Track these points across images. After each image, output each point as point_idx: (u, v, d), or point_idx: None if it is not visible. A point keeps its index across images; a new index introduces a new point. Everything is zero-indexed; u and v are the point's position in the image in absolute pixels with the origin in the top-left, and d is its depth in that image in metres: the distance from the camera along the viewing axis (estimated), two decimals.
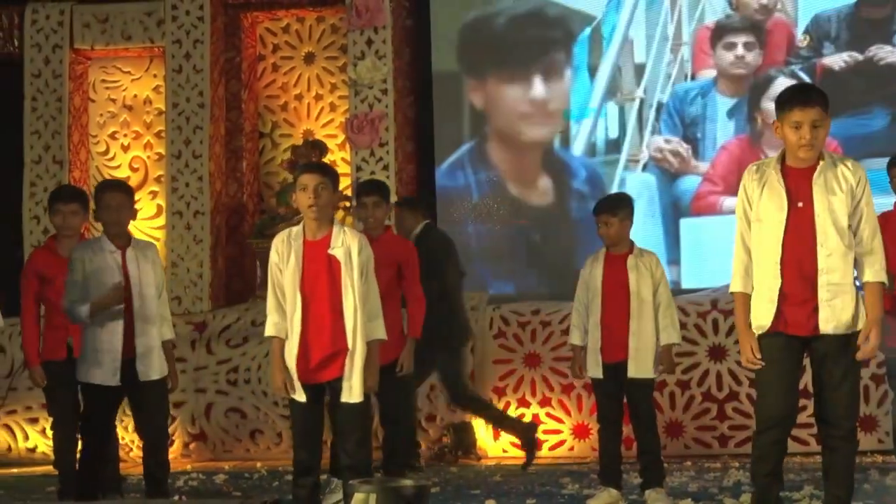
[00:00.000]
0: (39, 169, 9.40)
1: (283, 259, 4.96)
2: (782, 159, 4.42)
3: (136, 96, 9.81)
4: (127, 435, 8.41)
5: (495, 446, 7.99)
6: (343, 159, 9.53)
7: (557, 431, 7.86)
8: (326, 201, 4.94)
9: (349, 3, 9.13)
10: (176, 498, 6.35)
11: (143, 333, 5.41)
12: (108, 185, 5.94)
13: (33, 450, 8.57)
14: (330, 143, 9.62)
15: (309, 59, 9.79)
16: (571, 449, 7.86)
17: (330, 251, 4.95)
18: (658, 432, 5.81)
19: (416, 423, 7.19)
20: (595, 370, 5.70)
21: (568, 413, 7.88)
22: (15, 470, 8.23)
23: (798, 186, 4.36)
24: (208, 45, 9.34)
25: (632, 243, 5.74)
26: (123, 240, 5.53)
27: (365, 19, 9.06)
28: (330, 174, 5.07)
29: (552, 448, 7.81)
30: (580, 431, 7.83)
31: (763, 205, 4.37)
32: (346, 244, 4.95)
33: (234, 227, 9.51)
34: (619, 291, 5.64)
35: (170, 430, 8.41)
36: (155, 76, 9.74)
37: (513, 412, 7.95)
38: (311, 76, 9.77)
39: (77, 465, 5.64)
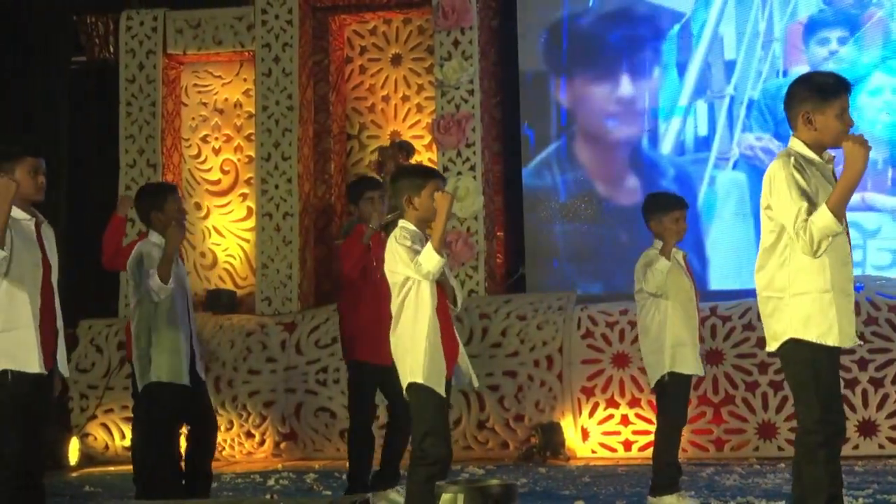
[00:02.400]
0: (134, 172, 9.58)
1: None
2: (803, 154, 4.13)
3: (226, 100, 9.95)
4: (220, 434, 8.54)
5: (584, 447, 7.95)
6: (430, 160, 9.56)
7: (647, 432, 7.79)
8: None
9: (436, 5, 9.15)
10: (267, 496, 6.44)
11: None
12: None
13: (129, 448, 8.71)
14: (417, 144, 9.64)
15: (396, 60, 9.84)
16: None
17: None
18: None
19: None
20: (698, 367, 5.72)
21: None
22: (112, 468, 8.40)
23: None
24: (297, 49, 9.44)
25: None
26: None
27: (452, 20, 9.08)
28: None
29: (642, 449, 7.73)
30: None
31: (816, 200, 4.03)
32: None
33: (322, 228, 9.59)
34: (693, 290, 5.77)
35: (261, 429, 8.55)
36: (245, 80, 9.87)
37: (601, 413, 7.91)
38: (398, 78, 9.82)
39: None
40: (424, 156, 9.61)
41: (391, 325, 4.73)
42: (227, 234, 9.85)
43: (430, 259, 4.59)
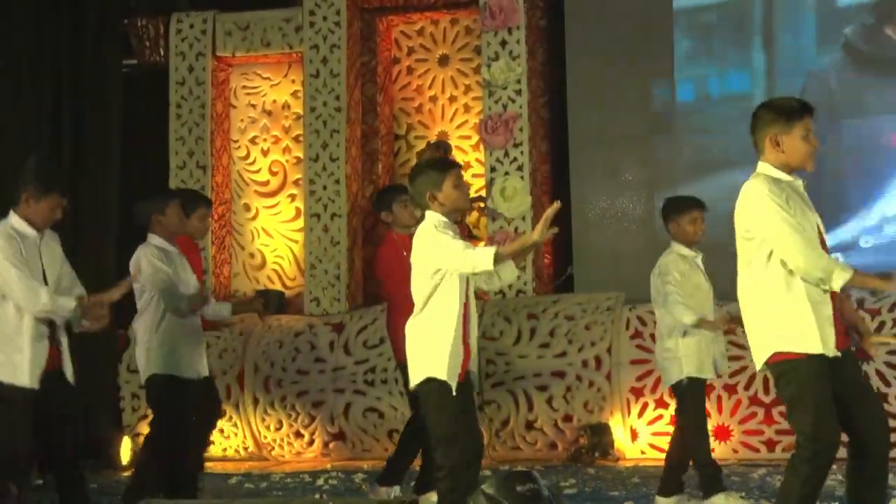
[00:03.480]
0: (184, 174, 9.67)
1: None
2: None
3: (275, 101, 10.01)
4: (269, 434, 8.60)
5: (633, 448, 7.91)
6: (477, 160, 9.56)
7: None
8: None
9: (483, 5, 9.15)
10: (317, 496, 6.47)
11: None
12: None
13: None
14: (464, 144, 9.65)
15: (443, 61, 9.85)
16: (712, 451, 7.71)
17: None
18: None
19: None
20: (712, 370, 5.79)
21: (708, 414, 7.74)
22: None
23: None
24: (345, 50, 9.47)
25: None
26: None
27: (499, 20, 9.06)
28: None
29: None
30: (721, 433, 7.68)
31: (800, 223, 4.14)
32: None
33: (370, 228, 9.62)
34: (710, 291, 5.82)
35: (310, 429, 8.59)
36: (293, 81, 9.93)
37: (651, 413, 7.87)
38: (446, 78, 9.83)
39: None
40: (472, 156, 9.62)
41: (413, 311, 4.59)
42: (275, 235, 9.91)
43: (486, 260, 4.39)
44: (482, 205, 9.26)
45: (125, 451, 8.55)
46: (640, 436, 7.89)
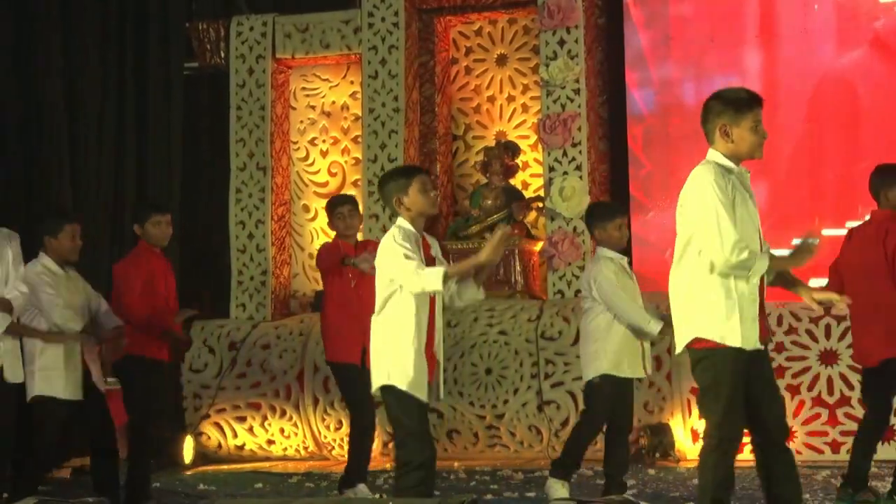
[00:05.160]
0: (244, 175, 9.74)
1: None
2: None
3: (334, 103, 10.06)
4: (329, 433, 8.64)
5: (694, 449, 7.84)
6: (535, 160, 9.54)
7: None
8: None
9: (541, 4, 9.12)
10: (377, 496, 6.50)
11: None
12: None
13: (241, 447, 8.88)
14: (522, 144, 9.63)
15: (501, 60, 9.84)
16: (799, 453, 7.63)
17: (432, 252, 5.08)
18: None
19: None
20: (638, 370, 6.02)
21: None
22: (225, 466, 8.56)
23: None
24: (403, 51, 9.49)
25: None
26: None
27: (557, 19, 9.03)
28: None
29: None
30: None
31: (740, 213, 4.25)
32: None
33: (427, 228, 9.55)
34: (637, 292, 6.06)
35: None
36: (352, 82, 9.97)
37: None
38: (504, 78, 9.82)
39: None
40: (530, 155, 9.60)
41: (374, 311, 4.82)
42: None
43: (435, 281, 4.59)
44: (540, 205, 9.24)
45: (188, 450, 8.65)
46: (701, 437, 7.81)
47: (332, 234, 7.21)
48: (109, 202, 9.70)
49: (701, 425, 7.75)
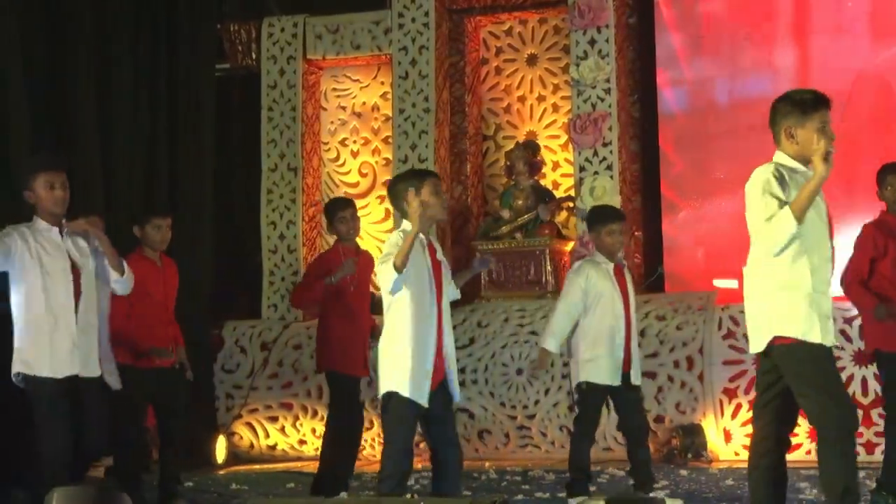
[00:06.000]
0: (275, 176, 9.78)
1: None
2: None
3: (364, 103, 10.09)
4: (368, 434, 8.64)
5: (727, 449, 7.81)
6: (566, 160, 9.52)
7: (793, 435, 7.57)
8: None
9: (572, 4, 9.10)
10: (408, 496, 6.50)
11: None
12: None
13: (273, 447, 8.92)
14: (553, 144, 9.61)
15: (531, 60, 9.83)
16: (808, 453, 7.56)
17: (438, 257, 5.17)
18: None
19: None
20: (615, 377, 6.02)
21: (804, 416, 7.60)
22: (257, 466, 8.60)
23: None
24: (433, 51, 9.50)
25: None
26: None
27: (588, 19, 9.01)
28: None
29: (789, 452, 7.53)
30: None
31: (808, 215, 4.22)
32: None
33: (458, 229, 9.64)
34: (626, 301, 6.04)
35: None
36: (382, 83, 9.99)
37: (745, 415, 7.75)
38: (534, 78, 9.81)
39: None
40: (560, 155, 9.58)
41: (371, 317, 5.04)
42: (365, 236, 9.95)
43: (388, 272, 4.75)
44: (571, 204, 9.22)
45: (220, 450, 8.69)
46: (735, 437, 7.78)
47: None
48: (141, 205, 9.72)
49: (734, 426, 7.76)
